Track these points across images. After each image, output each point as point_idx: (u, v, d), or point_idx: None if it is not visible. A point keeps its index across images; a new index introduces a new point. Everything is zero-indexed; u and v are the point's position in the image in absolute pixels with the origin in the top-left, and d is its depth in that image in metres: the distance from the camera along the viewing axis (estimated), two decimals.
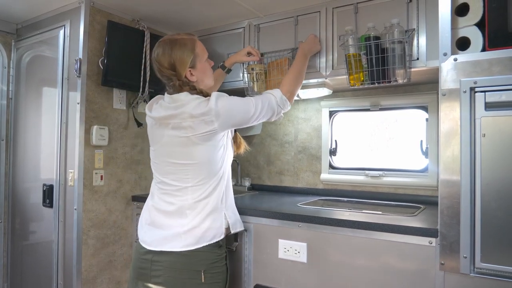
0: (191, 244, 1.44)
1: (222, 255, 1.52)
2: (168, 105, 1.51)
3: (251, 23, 2.34)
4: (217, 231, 1.50)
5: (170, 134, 1.48)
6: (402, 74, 1.78)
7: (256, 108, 1.52)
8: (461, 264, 1.36)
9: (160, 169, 1.55)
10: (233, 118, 1.49)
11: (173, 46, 1.50)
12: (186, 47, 1.52)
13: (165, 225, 1.49)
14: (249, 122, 1.54)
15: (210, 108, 1.43)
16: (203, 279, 1.43)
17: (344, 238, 1.62)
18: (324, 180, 2.49)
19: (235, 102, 1.51)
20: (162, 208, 1.52)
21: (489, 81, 1.34)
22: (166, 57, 1.50)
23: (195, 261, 1.44)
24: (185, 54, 1.50)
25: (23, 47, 2.45)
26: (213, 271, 1.46)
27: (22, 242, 2.41)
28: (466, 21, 1.43)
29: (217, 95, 1.47)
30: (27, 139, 2.39)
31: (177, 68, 1.50)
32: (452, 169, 1.40)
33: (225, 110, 1.45)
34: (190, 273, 1.43)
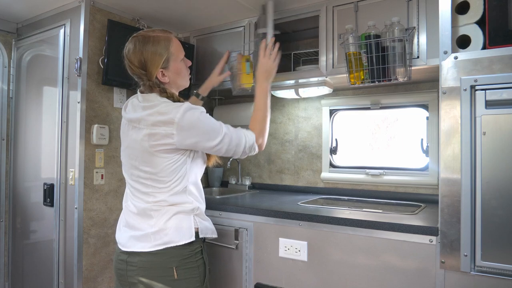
0: (160, 245, 1.40)
1: (196, 250, 1.45)
2: (138, 104, 1.44)
3: (251, 22, 2.34)
4: (185, 233, 1.42)
5: (134, 137, 1.41)
6: (402, 73, 1.78)
7: (223, 141, 1.43)
8: (461, 262, 1.37)
9: (126, 170, 1.51)
10: (192, 138, 1.37)
11: (145, 43, 1.40)
12: (159, 45, 1.41)
13: (136, 226, 1.45)
14: (210, 149, 1.43)
15: (172, 119, 1.33)
16: (176, 275, 1.40)
17: (345, 236, 1.62)
18: (324, 179, 2.49)
19: (206, 122, 1.40)
20: (131, 209, 1.49)
21: (489, 79, 1.34)
22: (136, 55, 1.40)
23: (165, 259, 1.40)
24: (157, 53, 1.40)
25: (24, 46, 2.45)
26: (186, 267, 1.42)
27: (23, 241, 2.42)
28: (466, 19, 1.43)
29: (188, 107, 1.36)
30: (27, 138, 2.40)
31: (148, 67, 1.40)
32: (452, 168, 1.40)
33: (189, 126, 1.35)
34: (162, 270, 1.40)
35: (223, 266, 1.93)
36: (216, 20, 2.44)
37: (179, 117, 1.33)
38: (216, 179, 2.88)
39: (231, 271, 1.90)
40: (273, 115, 2.74)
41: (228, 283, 1.91)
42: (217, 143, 1.42)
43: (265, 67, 1.66)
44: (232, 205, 1.97)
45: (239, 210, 1.90)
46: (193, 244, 1.44)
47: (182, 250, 1.41)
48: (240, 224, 1.89)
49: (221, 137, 1.42)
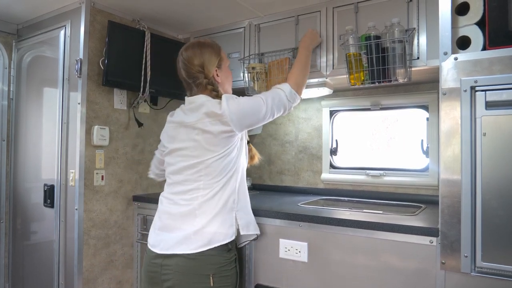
0: (200, 247, 1.43)
1: (232, 258, 1.51)
2: (188, 106, 1.58)
3: (251, 23, 2.35)
4: (227, 232, 1.49)
5: (187, 134, 1.53)
6: (402, 74, 1.78)
7: (267, 105, 1.55)
8: (462, 263, 1.36)
9: (173, 169, 1.57)
10: (247, 119, 1.52)
11: (203, 47, 1.60)
12: (214, 48, 1.62)
13: (175, 228, 1.49)
14: (263, 120, 1.57)
15: (223, 110, 1.47)
16: (212, 283, 1.43)
17: (345, 237, 1.62)
18: (324, 180, 2.49)
19: (246, 102, 1.53)
20: (172, 210, 1.53)
21: (489, 80, 1.34)
22: (197, 56, 1.57)
23: (203, 265, 1.43)
24: (213, 54, 1.60)
25: (24, 48, 2.46)
26: (222, 275, 1.45)
27: (24, 242, 2.42)
28: (466, 20, 1.43)
29: (227, 97, 1.51)
30: (28, 139, 2.40)
31: (206, 66, 1.57)
32: (452, 168, 1.40)
33: (237, 111, 1.49)
34: (199, 277, 1.43)
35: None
36: (217, 21, 2.44)
37: (225, 107, 1.47)
38: None
39: None
40: None
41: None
42: (265, 109, 1.54)
43: (311, 38, 1.95)
44: None
45: None
46: (231, 252, 1.50)
47: (219, 258, 1.45)
48: None
49: (264, 103, 1.54)
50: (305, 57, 1.84)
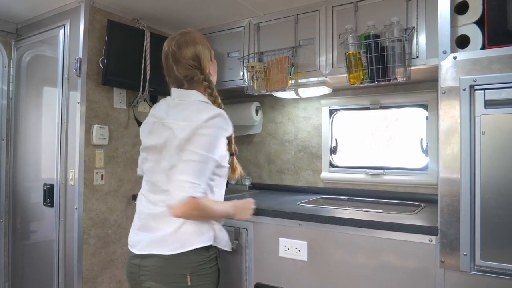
0: (176, 249, 1.37)
1: (211, 257, 1.44)
2: (174, 101, 1.45)
3: (251, 22, 2.35)
4: (204, 236, 1.41)
5: (165, 131, 1.40)
6: (402, 72, 1.78)
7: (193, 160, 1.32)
8: (461, 262, 1.37)
9: (149, 167, 1.48)
10: (193, 140, 1.34)
11: (194, 38, 1.44)
12: (203, 41, 1.48)
13: (153, 228, 1.43)
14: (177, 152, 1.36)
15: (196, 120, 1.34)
16: (189, 281, 1.38)
17: (345, 236, 1.63)
18: (324, 179, 2.49)
19: (215, 142, 1.36)
20: (149, 211, 1.46)
21: (488, 79, 1.34)
22: (190, 48, 1.42)
23: (180, 265, 1.38)
24: (205, 47, 1.46)
25: (23, 47, 2.45)
26: (200, 273, 1.40)
27: (23, 242, 2.42)
28: (465, 19, 1.43)
29: (219, 123, 1.37)
30: (27, 138, 2.40)
31: (202, 60, 1.44)
32: (452, 167, 1.40)
33: (203, 133, 1.33)
34: (176, 277, 1.39)
35: (223, 266, 1.92)
36: (216, 20, 2.44)
37: (204, 120, 1.33)
38: None
39: (231, 271, 1.90)
40: (273, 115, 2.74)
41: (228, 283, 1.91)
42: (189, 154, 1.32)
43: (242, 209, 1.59)
44: None
45: None
46: (210, 250, 1.43)
47: (197, 256, 1.39)
48: (240, 224, 1.89)
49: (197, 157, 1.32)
50: (221, 213, 1.47)
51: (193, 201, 1.30)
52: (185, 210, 1.30)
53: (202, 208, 1.34)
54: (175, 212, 1.31)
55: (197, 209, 1.32)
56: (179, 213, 1.31)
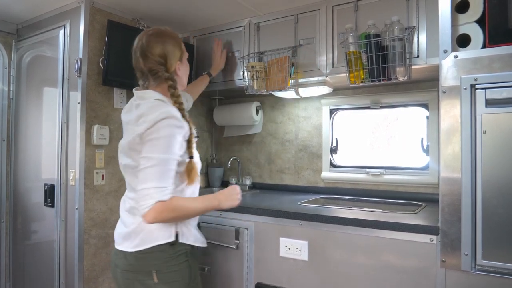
0: (138, 245, 1.39)
1: (178, 253, 1.42)
2: (136, 102, 1.46)
3: (251, 22, 2.34)
4: (163, 232, 1.40)
5: (128, 135, 1.42)
6: (402, 72, 1.78)
7: (150, 163, 1.31)
8: (462, 261, 1.36)
9: (120, 165, 1.51)
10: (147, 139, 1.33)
11: (164, 36, 1.45)
12: (176, 40, 1.49)
13: (123, 224, 1.47)
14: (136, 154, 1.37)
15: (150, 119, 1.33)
16: (156, 279, 1.38)
17: (345, 236, 1.62)
18: (325, 178, 2.49)
19: (165, 140, 1.33)
20: (122, 207, 1.51)
21: (489, 78, 1.33)
22: (158, 45, 1.42)
23: (144, 262, 1.39)
24: (176, 46, 1.47)
25: (24, 47, 2.46)
26: (167, 270, 1.39)
27: (24, 242, 2.42)
28: (466, 18, 1.43)
29: (168, 123, 1.32)
30: (28, 139, 2.40)
31: (169, 59, 1.44)
32: (453, 167, 1.40)
33: (154, 132, 1.32)
34: (142, 274, 1.39)
35: (224, 266, 1.93)
36: (216, 20, 2.44)
37: (153, 121, 1.32)
38: (217, 179, 2.88)
39: (231, 271, 1.90)
40: (274, 114, 2.74)
41: (229, 283, 1.91)
42: (145, 161, 1.32)
43: (227, 197, 1.54)
44: None
45: (240, 210, 1.89)
46: (176, 247, 1.41)
47: (161, 253, 1.39)
48: (240, 224, 1.89)
49: (153, 162, 1.30)
50: (206, 206, 1.47)
51: (161, 205, 1.29)
52: (155, 216, 1.29)
53: (174, 209, 1.33)
54: (147, 220, 1.30)
55: (168, 211, 1.31)
56: (151, 220, 1.30)
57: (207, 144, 2.99)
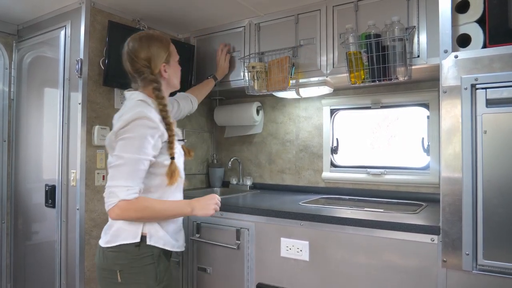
0: (108, 242, 1.41)
1: (143, 255, 1.41)
2: (125, 102, 1.52)
3: (251, 22, 2.35)
4: (128, 233, 1.40)
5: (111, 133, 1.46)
6: (403, 72, 1.78)
7: (118, 163, 1.35)
8: (463, 261, 1.36)
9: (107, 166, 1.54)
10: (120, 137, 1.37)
11: (151, 39, 1.51)
12: (163, 42, 1.54)
13: (109, 218, 1.49)
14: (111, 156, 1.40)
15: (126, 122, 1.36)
16: (119, 279, 1.39)
17: (346, 236, 1.62)
18: (325, 179, 2.49)
19: (135, 141, 1.35)
20: None
21: (490, 78, 1.34)
22: (143, 49, 1.48)
23: (110, 260, 1.41)
24: (161, 49, 1.51)
25: (24, 48, 2.46)
26: (131, 271, 1.40)
27: (25, 242, 2.42)
28: (466, 18, 1.43)
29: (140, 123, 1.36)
30: (29, 139, 2.40)
31: (153, 60, 1.49)
32: (453, 166, 1.40)
33: (126, 131, 1.36)
34: (107, 272, 1.42)
35: (225, 267, 1.93)
36: (216, 21, 2.44)
37: (125, 121, 1.36)
38: (217, 179, 2.88)
39: (232, 271, 1.91)
40: (274, 115, 2.74)
41: (230, 283, 1.91)
42: (115, 159, 1.35)
43: (203, 206, 1.53)
44: (233, 205, 1.97)
45: (241, 210, 1.90)
46: (141, 248, 1.41)
47: (125, 253, 1.40)
48: (241, 224, 1.89)
49: (121, 160, 1.34)
50: (177, 211, 1.49)
51: (126, 203, 1.32)
52: (119, 213, 1.33)
53: (139, 208, 1.35)
54: (111, 216, 1.37)
55: (133, 210, 1.34)
56: (115, 216, 1.36)
57: (208, 145, 2.99)
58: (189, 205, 1.50)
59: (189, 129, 2.80)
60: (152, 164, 1.41)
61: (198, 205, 1.51)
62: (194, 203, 1.52)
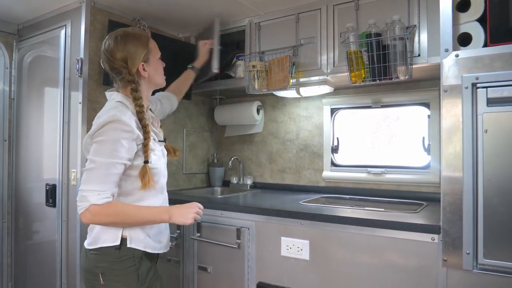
0: (90, 244, 1.41)
1: (124, 258, 1.40)
2: (106, 104, 1.49)
3: (251, 21, 2.34)
4: (108, 235, 1.39)
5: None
6: (403, 71, 1.77)
7: (89, 168, 1.32)
8: (464, 261, 1.36)
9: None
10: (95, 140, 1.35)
11: (127, 38, 1.44)
12: (141, 40, 1.47)
13: None
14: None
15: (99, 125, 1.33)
16: (102, 281, 1.39)
17: (347, 235, 1.62)
18: (326, 178, 2.49)
19: (108, 145, 1.32)
20: None
21: (491, 77, 1.33)
22: (119, 48, 1.43)
23: (92, 262, 1.41)
24: (138, 47, 1.45)
25: (25, 48, 2.46)
26: (113, 274, 1.39)
27: (26, 242, 2.42)
28: (467, 16, 1.43)
29: (114, 127, 1.32)
30: (29, 139, 2.40)
31: (130, 60, 1.43)
32: (454, 166, 1.40)
33: (100, 133, 1.33)
34: (91, 274, 1.42)
35: (225, 266, 1.93)
36: None
37: (99, 124, 1.33)
38: (218, 178, 2.88)
39: (233, 270, 1.91)
40: (275, 114, 2.74)
41: (230, 282, 1.91)
42: (88, 163, 1.34)
43: (181, 212, 1.48)
44: (234, 204, 1.97)
45: (241, 209, 1.90)
46: (122, 251, 1.40)
47: (106, 256, 1.39)
48: (241, 223, 1.89)
49: (94, 164, 1.32)
50: (154, 217, 1.44)
51: (97, 208, 1.30)
52: (91, 218, 1.31)
53: (111, 213, 1.33)
54: (83, 220, 1.33)
55: (105, 215, 1.32)
56: (86, 221, 1.33)
57: (208, 144, 2.99)
58: (167, 212, 1.45)
59: (189, 128, 2.80)
60: (129, 167, 1.38)
61: (177, 213, 1.46)
62: (173, 210, 1.46)
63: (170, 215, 1.45)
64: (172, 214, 1.45)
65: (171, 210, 1.47)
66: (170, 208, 1.48)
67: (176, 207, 1.49)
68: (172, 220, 1.45)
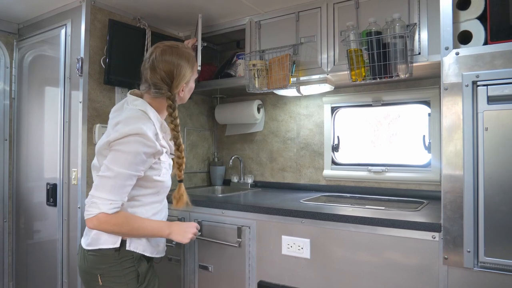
0: (89, 244, 1.41)
1: (123, 259, 1.40)
2: (123, 105, 1.47)
3: (252, 20, 2.34)
4: (108, 237, 1.39)
5: (105, 137, 1.40)
6: (404, 69, 1.77)
7: (107, 176, 1.30)
8: (464, 259, 1.36)
9: (92, 166, 1.52)
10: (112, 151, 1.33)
11: (180, 57, 1.42)
12: (190, 62, 1.45)
13: None
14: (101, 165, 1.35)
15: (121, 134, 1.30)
16: (100, 282, 1.40)
17: (347, 233, 1.63)
18: (326, 176, 2.49)
19: (127, 157, 1.30)
20: None
21: (491, 75, 1.33)
22: (168, 64, 1.40)
23: (91, 263, 1.41)
24: (188, 69, 1.43)
25: (25, 47, 2.46)
26: (112, 275, 1.39)
27: (27, 241, 2.43)
28: (467, 14, 1.43)
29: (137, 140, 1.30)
30: (30, 138, 2.40)
31: (175, 80, 1.41)
32: (454, 164, 1.39)
33: (121, 144, 1.30)
34: (90, 275, 1.42)
35: (226, 264, 1.93)
36: (217, 18, 2.44)
37: (123, 134, 1.30)
38: (219, 177, 2.88)
39: (234, 269, 1.91)
40: (275, 112, 2.74)
41: (231, 281, 1.92)
42: (104, 169, 1.31)
43: (180, 230, 1.51)
44: (235, 203, 1.97)
45: (242, 208, 1.90)
46: (121, 253, 1.40)
47: (106, 257, 1.39)
48: (242, 222, 1.89)
49: (111, 173, 1.30)
50: (153, 231, 1.44)
51: (105, 216, 1.29)
52: (97, 225, 1.31)
53: (117, 223, 1.33)
54: (89, 226, 1.33)
55: (111, 224, 1.32)
56: (92, 227, 1.33)
57: (209, 143, 2.99)
58: (169, 228, 1.48)
59: (190, 127, 2.81)
60: (141, 178, 1.38)
61: (177, 230, 1.50)
62: (174, 227, 1.49)
63: (170, 232, 1.48)
64: (173, 230, 1.48)
65: (172, 226, 1.49)
66: (171, 225, 1.50)
67: (176, 224, 1.52)
68: (170, 236, 1.48)
